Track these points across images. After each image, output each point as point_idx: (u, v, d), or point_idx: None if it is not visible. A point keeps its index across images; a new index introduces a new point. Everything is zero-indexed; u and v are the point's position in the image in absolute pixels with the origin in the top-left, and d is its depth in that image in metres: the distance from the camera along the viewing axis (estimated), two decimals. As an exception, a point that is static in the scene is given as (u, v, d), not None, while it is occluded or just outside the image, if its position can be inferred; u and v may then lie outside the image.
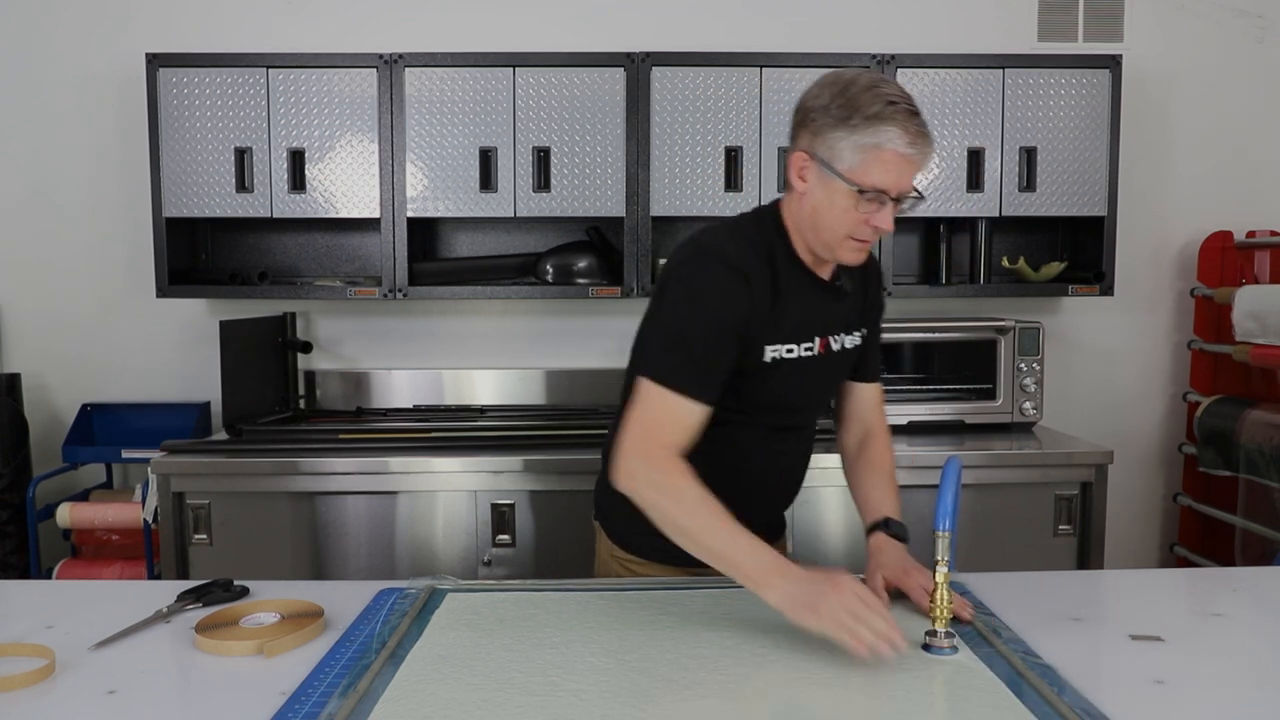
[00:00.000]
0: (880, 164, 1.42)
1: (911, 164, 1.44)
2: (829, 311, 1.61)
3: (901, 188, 1.45)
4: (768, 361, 1.54)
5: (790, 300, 1.54)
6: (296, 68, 2.87)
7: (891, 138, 1.41)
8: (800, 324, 1.57)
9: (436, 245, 3.23)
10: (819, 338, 1.60)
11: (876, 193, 1.44)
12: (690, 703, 1.18)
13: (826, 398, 1.75)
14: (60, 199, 3.19)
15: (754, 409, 1.59)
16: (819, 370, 1.62)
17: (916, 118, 1.43)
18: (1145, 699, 1.20)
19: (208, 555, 2.60)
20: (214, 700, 1.21)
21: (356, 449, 2.67)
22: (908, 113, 1.42)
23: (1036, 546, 2.67)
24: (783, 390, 1.59)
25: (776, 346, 1.55)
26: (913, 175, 1.46)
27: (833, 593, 1.29)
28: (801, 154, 1.49)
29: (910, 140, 1.42)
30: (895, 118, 1.41)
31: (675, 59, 2.88)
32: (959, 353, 3.03)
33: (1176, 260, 3.32)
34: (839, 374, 1.72)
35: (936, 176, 2.95)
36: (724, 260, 1.50)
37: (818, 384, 1.66)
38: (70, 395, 3.20)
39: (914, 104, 1.44)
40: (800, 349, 1.57)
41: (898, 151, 1.42)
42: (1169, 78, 3.26)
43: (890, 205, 1.46)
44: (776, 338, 1.54)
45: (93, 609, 1.50)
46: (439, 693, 1.20)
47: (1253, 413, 2.91)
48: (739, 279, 1.49)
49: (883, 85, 1.44)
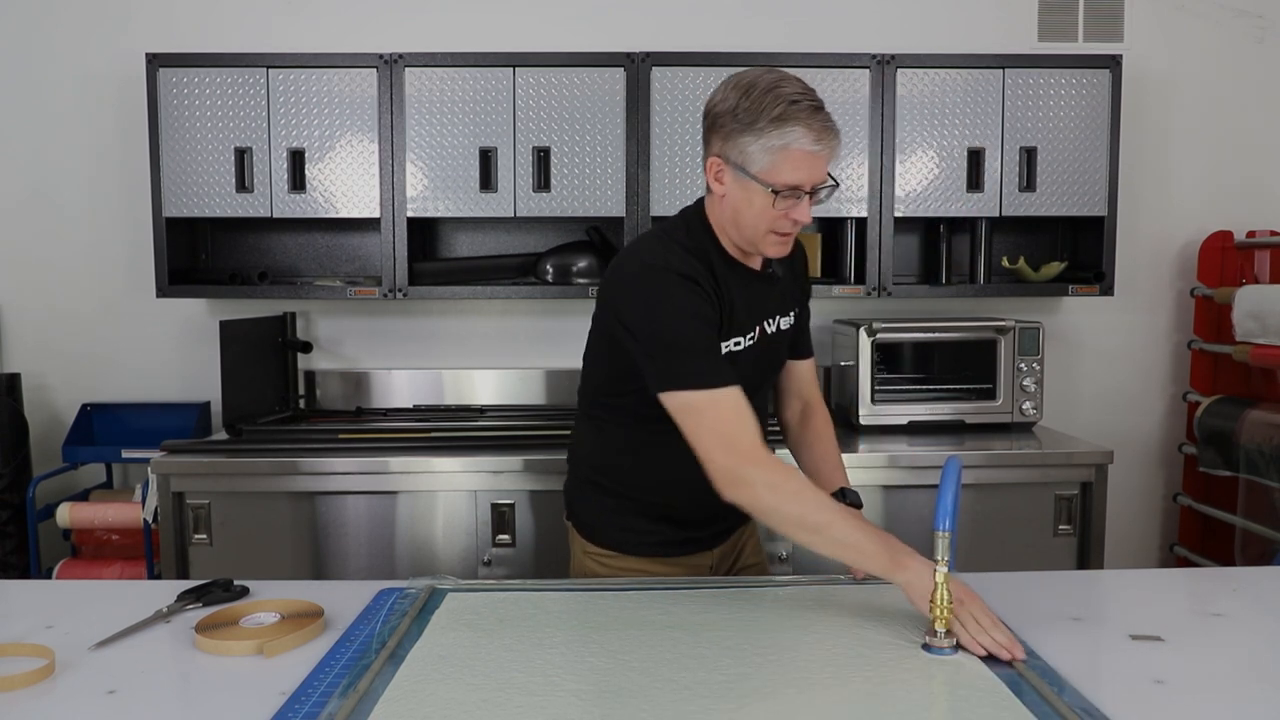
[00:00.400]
0: (790, 163, 1.50)
1: (818, 159, 1.51)
2: (764, 298, 1.69)
3: (814, 181, 1.53)
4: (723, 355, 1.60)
5: (733, 296, 1.61)
6: (296, 68, 2.87)
7: (797, 137, 1.48)
8: (742, 316, 1.64)
9: (436, 245, 3.23)
10: (756, 326, 1.67)
11: (790, 190, 1.51)
12: (690, 703, 1.18)
13: (771, 378, 1.81)
14: (60, 199, 3.19)
15: None
16: (760, 355, 1.69)
17: (820, 113, 1.49)
18: (1145, 699, 1.20)
19: (208, 555, 2.60)
20: (214, 700, 1.21)
21: (356, 449, 2.67)
22: (810, 109, 1.49)
23: (1036, 546, 2.67)
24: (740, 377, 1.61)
25: (728, 341, 1.62)
26: (823, 167, 1.53)
27: (969, 598, 1.34)
28: (715, 159, 1.57)
29: (815, 137, 1.49)
30: (799, 117, 1.48)
31: (675, 59, 2.88)
32: (959, 353, 3.03)
33: (1176, 260, 3.32)
34: (779, 356, 1.79)
35: (936, 176, 2.95)
36: (674, 272, 1.55)
37: (761, 369, 1.72)
38: (70, 395, 3.20)
39: (817, 99, 1.51)
40: (745, 340, 1.65)
41: (804, 150, 1.49)
42: (1169, 78, 3.26)
43: (806, 199, 1.53)
44: (729, 333, 1.62)
45: (93, 609, 1.50)
46: (439, 693, 1.20)
47: (1253, 413, 2.91)
48: (693, 286, 1.55)
49: (783, 85, 1.51)
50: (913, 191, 2.95)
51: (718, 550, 1.81)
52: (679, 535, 1.74)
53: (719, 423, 1.49)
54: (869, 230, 2.94)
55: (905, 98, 2.92)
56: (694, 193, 2.90)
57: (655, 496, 1.71)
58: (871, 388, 2.87)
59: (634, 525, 1.74)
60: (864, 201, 2.94)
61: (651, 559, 1.74)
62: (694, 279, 1.55)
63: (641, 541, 1.74)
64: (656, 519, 1.73)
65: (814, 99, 1.51)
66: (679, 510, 1.72)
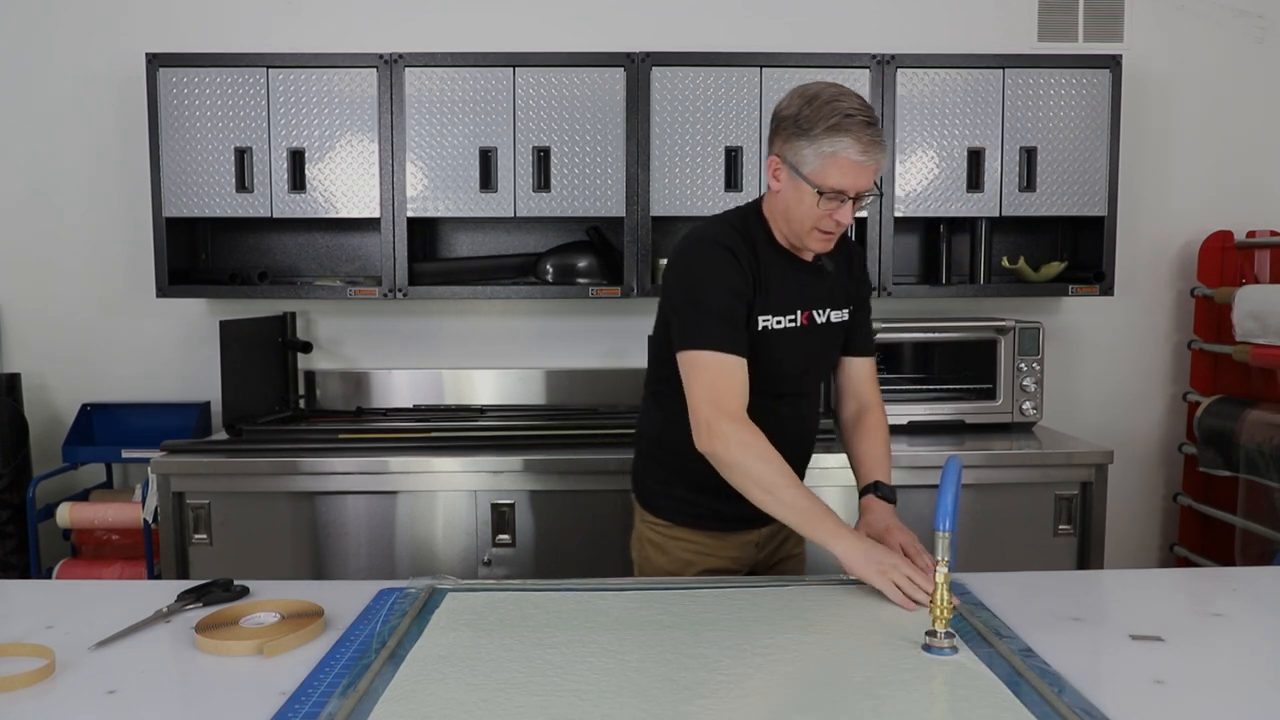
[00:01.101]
0: (837, 169, 1.64)
1: (865, 169, 1.65)
2: (811, 287, 1.81)
3: (859, 188, 1.66)
4: (759, 330, 1.74)
5: (772, 277, 1.75)
6: (296, 68, 2.87)
7: (846, 147, 1.62)
8: (784, 298, 1.77)
9: (436, 245, 3.23)
10: (801, 311, 1.79)
11: (835, 193, 1.65)
12: (690, 703, 1.18)
13: (819, 366, 1.89)
14: (60, 199, 3.19)
15: (762, 369, 1.74)
16: (805, 340, 1.80)
17: (871, 128, 1.63)
18: (1145, 699, 1.20)
19: (208, 555, 2.60)
20: (214, 700, 1.21)
21: (356, 449, 2.67)
22: (863, 124, 1.62)
23: (1036, 546, 2.67)
24: (774, 357, 1.76)
25: (766, 317, 1.75)
26: (869, 177, 1.66)
27: (902, 561, 1.54)
28: (775, 158, 1.72)
29: (862, 149, 1.62)
30: (850, 129, 1.62)
31: (675, 59, 2.88)
32: (959, 353, 3.03)
33: (1176, 260, 3.32)
34: (828, 345, 1.87)
35: (936, 176, 2.95)
36: (714, 241, 1.74)
37: (806, 352, 1.82)
38: (70, 395, 3.20)
39: (871, 115, 1.65)
40: (785, 320, 1.77)
41: (851, 159, 1.63)
42: (1169, 78, 3.26)
43: (849, 203, 1.67)
44: (765, 309, 1.75)
45: (93, 609, 1.50)
46: (439, 693, 1.20)
47: (1253, 413, 2.91)
48: (729, 254, 1.72)
49: (843, 99, 1.65)
50: (913, 191, 2.95)
51: (765, 530, 1.88)
52: (724, 509, 1.79)
53: (715, 381, 1.67)
54: (869, 230, 2.94)
55: (905, 98, 2.92)
56: (694, 192, 2.90)
57: (700, 466, 1.74)
58: (871, 388, 2.86)
59: (682, 496, 1.86)
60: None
61: (698, 530, 1.85)
62: (731, 249, 1.71)
63: (688, 512, 1.85)
64: (701, 490, 1.80)
65: (869, 115, 1.64)
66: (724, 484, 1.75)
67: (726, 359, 1.67)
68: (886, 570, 1.52)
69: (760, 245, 1.76)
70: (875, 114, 1.67)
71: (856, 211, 1.70)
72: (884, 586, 1.51)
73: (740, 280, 1.71)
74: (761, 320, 1.74)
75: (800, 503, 1.62)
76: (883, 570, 1.52)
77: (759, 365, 1.73)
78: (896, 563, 1.53)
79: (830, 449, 2.66)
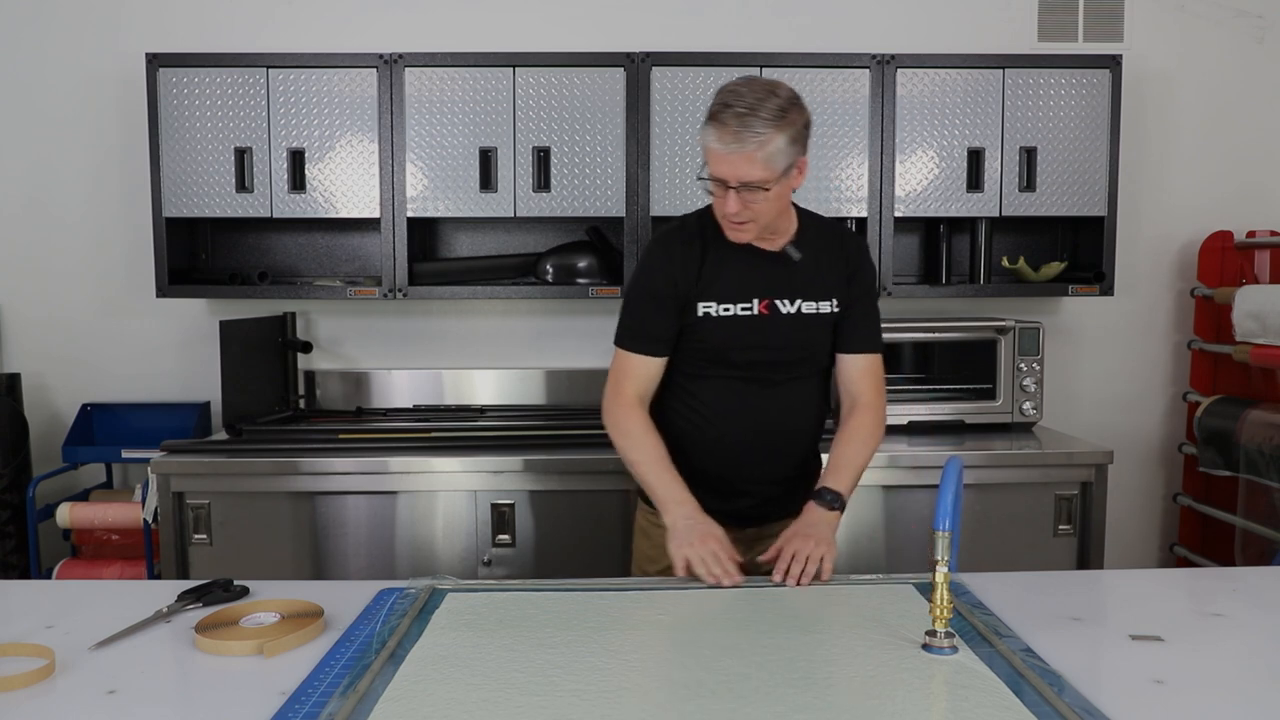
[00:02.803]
0: (711, 158, 1.70)
1: (727, 159, 1.67)
2: (773, 277, 1.84)
3: (732, 177, 1.68)
4: (700, 316, 1.82)
5: (724, 266, 1.82)
6: (296, 68, 2.87)
7: (710, 136, 1.68)
8: (736, 287, 1.82)
9: (436, 245, 3.23)
10: (759, 299, 1.83)
11: (715, 182, 1.71)
12: (690, 703, 1.18)
13: (796, 355, 1.88)
14: (60, 199, 3.19)
15: (706, 359, 1.85)
16: (765, 328, 1.84)
17: (741, 116, 1.64)
18: (1145, 699, 1.20)
19: (208, 555, 2.60)
20: (214, 700, 1.21)
21: (356, 449, 2.67)
22: (733, 114, 1.64)
23: (1036, 546, 2.67)
24: (720, 343, 1.83)
25: (708, 304, 1.82)
26: (739, 167, 1.67)
27: (706, 539, 1.67)
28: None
29: (720, 138, 1.66)
30: (717, 117, 1.66)
31: (675, 59, 2.88)
32: (959, 353, 3.03)
33: (1176, 260, 3.32)
34: (806, 336, 1.87)
35: (936, 176, 2.95)
36: (657, 242, 1.89)
37: (767, 340, 1.84)
38: (70, 395, 3.20)
39: (750, 104, 1.64)
40: (736, 308, 1.82)
41: (713, 148, 1.68)
42: (1169, 78, 3.26)
43: (730, 193, 1.69)
44: (708, 296, 1.82)
45: (93, 609, 1.50)
46: (439, 693, 1.20)
47: (1253, 413, 2.91)
48: (663, 253, 1.84)
49: (732, 89, 1.68)
50: (913, 191, 2.95)
51: (751, 531, 1.90)
52: (708, 502, 1.82)
53: (620, 374, 1.85)
54: (869, 230, 2.94)
55: (905, 98, 2.92)
56: (694, 192, 2.90)
57: (687, 457, 1.87)
58: (871, 388, 2.86)
59: None
60: (864, 201, 2.94)
61: None
62: (669, 247, 1.84)
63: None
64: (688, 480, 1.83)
65: (746, 104, 1.64)
66: (706, 474, 1.87)
67: (634, 357, 1.84)
68: (682, 545, 1.65)
69: (712, 237, 1.82)
70: (766, 104, 1.65)
71: (752, 204, 1.70)
72: (676, 559, 1.66)
73: (663, 280, 1.82)
74: (702, 307, 1.82)
75: (648, 477, 1.79)
76: (680, 545, 1.66)
77: (706, 349, 1.84)
78: (705, 540, 1.65)
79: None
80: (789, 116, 1.67)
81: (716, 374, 1.86)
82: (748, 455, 1.89)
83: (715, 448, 1.87)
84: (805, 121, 1.73)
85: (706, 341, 1.84)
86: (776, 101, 1.66)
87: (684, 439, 1.89)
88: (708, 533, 1.68)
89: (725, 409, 1.87)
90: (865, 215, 2.94)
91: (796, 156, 1.72)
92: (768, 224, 1.79)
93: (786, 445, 1.91)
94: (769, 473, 1.91)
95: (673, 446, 1.89)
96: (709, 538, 1.67)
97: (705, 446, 1.88)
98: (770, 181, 1.68)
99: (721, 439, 1.87)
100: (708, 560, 1.62)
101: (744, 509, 1.90)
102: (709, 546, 1.65)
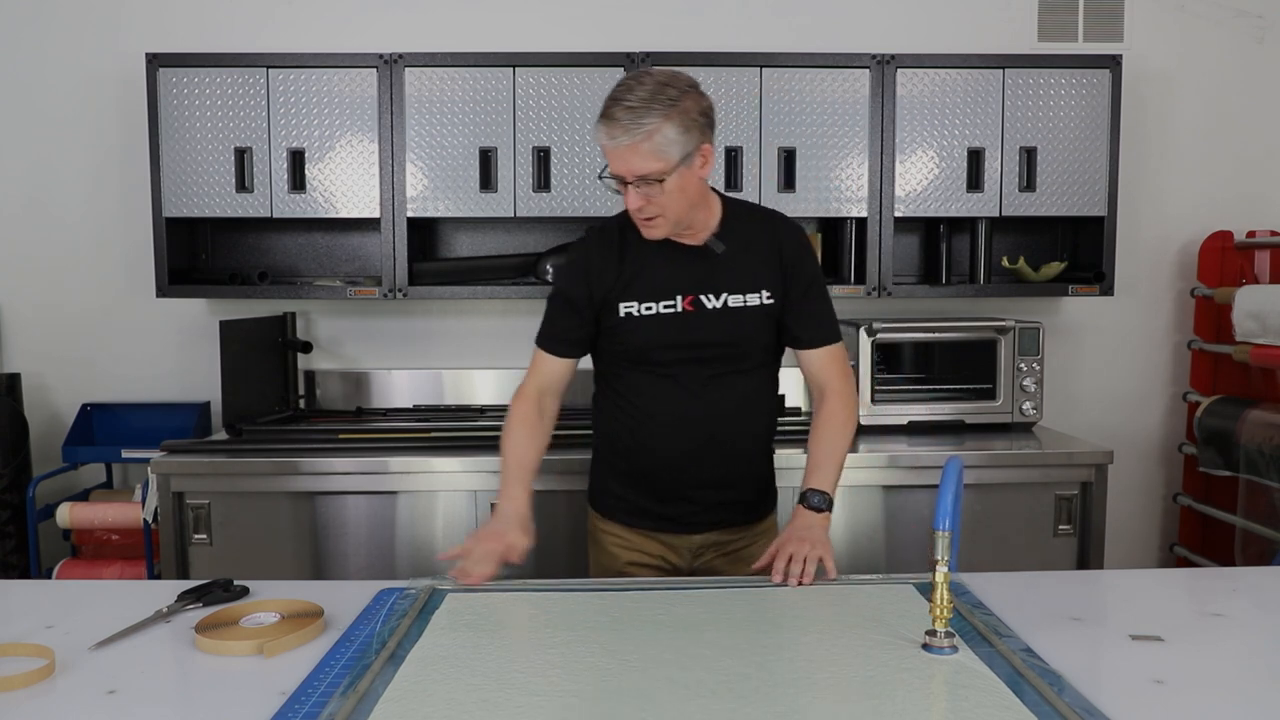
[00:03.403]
0: (606, 155, 1.68)
1: (618, 154, 1.65)
2: (696, 272, 1.81)
3: (629, 171, 1.66)
4: (622, 317, 1.81)
5: (644, 265, 1.80)
6: (296, 68, 2.87)
7: (600, 133, 1.66)
8: (658, 285, 1.80)
9: (436, 245, 3.23)
10: (682, 296, 1.80)
11: (614, 179, 1.68)
12: (690, 703, 1.18)
13: (727, 349, 1.83)
14: (60, 199, 3.19)
15: (630, 359, 1.84)
16: (691, 324, 1.80)
17: (630, 109, 1.62)
18: (1145, 699, 1.20)
19: (208, 555, 2.60)
20: (214, 700, 1.21)
21: (356, 449, 2.67)
22: (622, 107, 1.62)
23: (1036, 546, 2.67)
24: (647, 341, 1.81)
25: (629, 304, 1.80)
26: (628, 161, 1.64)
27: (488, 537, 1.71)
28: None
29: (609, 133, 1.64)
30: (607, 113, 1.65)
31: (675, 59, 2.88)
32: (959, 353, 3.03)
33: (1176, 260, 3.32)
34: (729, 330, 1.82)
35: (936, 176, 2.95)
36: (578, 245, 1.90)
37: (693, 337, 1.81)
38: (70, 395, 3.20)
39: (637, 95, 1.62)
40: (660, 306, 1.80)
41: (605, 145, 1.66)
42: (1169, 78, 3.26)
43: (629, 188, 1.68)
44: (629, 297, 1.80)
45: (93, 609, 1.50)
46: (439, 693, 1.20)
47: (1253, 413, 2.91)
48: (582, 256, 1.85)
49: (623, 82, 1.67)
50: (913, 191, 2.95)
51: (697, 539, 1.89)
52: (653, 507, 1.87)
53: (530, 368, 1.89)
54: (869, 230, 2.94)
55: (905, 98, 2.92)
56: (694, 193, 2.90)
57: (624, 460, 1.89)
58: (871, 388, 2.87)
59: (612, 489, 1.93)
60: (864, 201, 2.94)
61: (628, 528, 1.90)
62: (587, 250, 1.84)
63: (618, 507, 1.92)
64: (629, 484, 1.89)
65: (633, 98, 1.62)
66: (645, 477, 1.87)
67: (541, 355, 1.88)
68: (470, 544, 1.68)
69: (633, 236, 1.80)
70: (656, 95, 1.63)
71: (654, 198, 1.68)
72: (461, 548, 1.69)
73: (577, 283, 1.83)
74: (624, 308, 1.80)
75: (501, 469, 1.82)
76: (470, 546, 1.68)
77: (629, 349, 1.83)
78: (485, 538, 1.70)
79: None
80: (680, 104, 1.64)
81: (643, 374, 1.84)
82: (684, 457, 1.83)
83: (648, 449, 1.85)
84: (702, 109, 1.68)
85: (628, 342, 1.82)
86: (668, 91, 1.64)
87: (618, 441, 1.89)
88: (496, 532, 1.71)
89: (656, 409, 1.83)
90: (865, 215, 2.94)
91: (695, 145, 1.67)
92: (680, 218, 1.74)
93: (726, 447, 1.84)
94: (710, 476, 1.85)
95: (609, 448, 1.92)
96: (492, 536, 1.70)
97: (638, 448, 1.86)
98: (666, 172, 1.65)
99: (654, 439, 1.84)
100: (472, 554, 1.66)
101: (686, 514, 1.87)
102: (484, 544, 1.68)
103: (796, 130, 2.90)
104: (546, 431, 1.88)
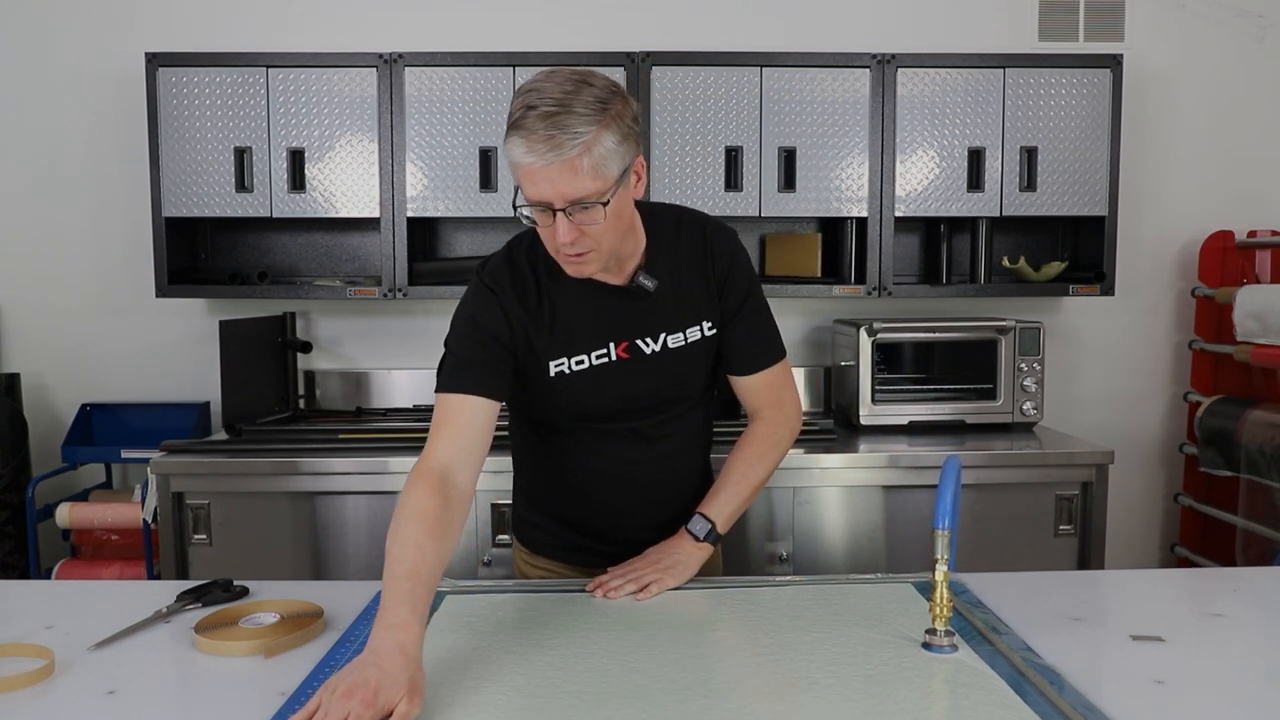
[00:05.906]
0: (525, 177, 1.33)
1: (546, 174, 1.30)
2: (625, 314, 1.53)
3: (560, 196, 1.32)
4: (553, 376, 1.53)
5: (565, 310, 1.51)
6: (296, 67, 2.87)
7: (516, 149, 1.31)
8: (584, 334, 1.52)
9: (436, 245, 3.23)
10: (615, 343, 1.53)
11: (535, 208, 1.35)
12: (690, 703, 1.18)
13: (665, 398, 1.60)
14: (60, 199, 3.19)
15: (565, 416, 1.59)
16: (629, 374, 1.54)
17: (552, 116, 1.28)
18: (1145, 699, 1.20)
19: (207, 555, 2.60)
20: (214, 700, 1.21)
21: (356, 449, 2.67)
22: (540, 116, 1.29)
23: (1036, 546, 2.66)
24: (577, 398, 1.55)
25: (560, 361, 1.52)
26: (565, 182, 1.31)
27: (349, 690, 1.09)
28: None
29: (529, 148, 1.29)
30: (522, 125, 1.30)
31: (675, 59, 2.88)
32: (959, 353, 3.03)
33: (1177, 260, 3.32)
34: (671, 373, 1.58)
35: (937, 176, 2.95)
36: (479, 288, 1.53)
37: (631, 388, 1.56)
38: (70, 395, 3.20)
39: (557, 98, 1.29)
40: (591, 358, 1.52)
41: (521, 163, 1.31)
42: (1170, 77, 3.25)
43: (559, 217, 1.34)
44: (557, 351, 1.51)
45: (92, 609, 1.50)
46: (438, 694, 1.20)
47: (1253, 413, 2.91)
48: (488, 295, 1.51)
49: (531, 85, 1.33)
50: (913, 191, 2.95)
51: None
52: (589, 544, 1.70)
53: (434, 428, 1.47)
54: (869, 230, 2.94)
55: (905, 97, 2.92)
56: (694, 192, 2.90)
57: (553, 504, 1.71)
58: (872, 388, 2.87)
59: (538, 523, 1.75)
60: (864, 201, 2.93)
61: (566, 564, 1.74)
62: (494, 289, 1.50)
63: (551, 543, 1.75)
64: (560, 522, 1.72)
65: (553, 102, 1.29)
66: (581, 522, 1.70)
67: (449, 401, 1.47)
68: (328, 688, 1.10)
69: (544, 276, 1.50)
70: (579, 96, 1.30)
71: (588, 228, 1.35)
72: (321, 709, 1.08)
73: (493, 321, 1.49)
74: (554, 366, 1.52)
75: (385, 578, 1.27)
76: (328, 687, 1.10)
77: (563, 409, 1.57)
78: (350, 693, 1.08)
79: (830, 449, 2.67)
80: (612, 108, 1.34)
81: (576, 429, 1.60)
82: (623, 506, 1.66)
83: (581, 496, 1.64)
84: (633, 114, 1.39)
85: (559, 401, 1.55)
86: (593, 92, 1.32)
87: (544, 484, 1.70)
88: (367, 687, 1.09)
89: (594, 464, 1.62)
90: (865, 215, 2.94)
91: (631, 157, 1.39)
92: (614, 250, 1.44)
93: (669, 489, 1.67)
94: (649, 519, 1.67)
95: (538, 496, 1.72)
96: (362, 695, 1.08)
97: (570, 494, 1.66)
98: (606, 193, 1.34)
99: (588, 489, 1.64)
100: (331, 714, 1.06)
101: (627, 551, 1.64)
102: (346, 706, 1.07)
103: (797, 130, 2.89)
104: (454, 527, 1.38)
